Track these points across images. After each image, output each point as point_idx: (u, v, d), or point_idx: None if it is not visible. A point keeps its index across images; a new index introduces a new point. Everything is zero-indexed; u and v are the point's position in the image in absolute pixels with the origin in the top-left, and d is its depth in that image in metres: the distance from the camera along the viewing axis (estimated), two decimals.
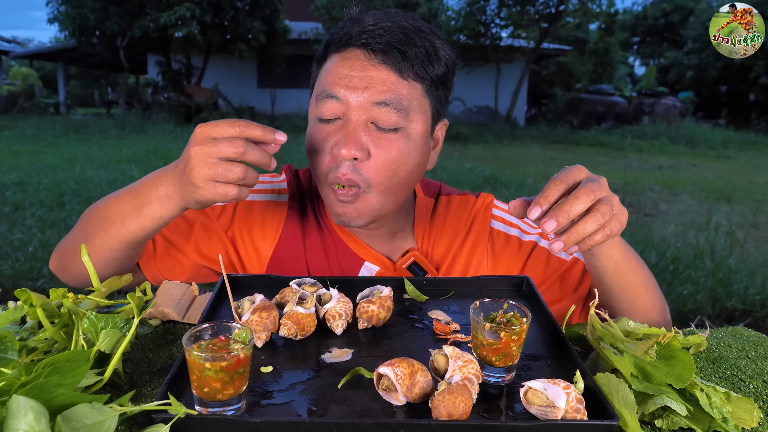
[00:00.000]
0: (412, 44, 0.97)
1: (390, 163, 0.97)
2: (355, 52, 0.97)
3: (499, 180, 8.49)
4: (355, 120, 0.96)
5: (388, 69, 0.96)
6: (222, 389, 0.62)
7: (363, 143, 0.96)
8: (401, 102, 0.96)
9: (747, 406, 0.68)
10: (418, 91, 0.99)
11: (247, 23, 16.05)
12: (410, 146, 0.99)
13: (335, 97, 0.96)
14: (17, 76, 23.90)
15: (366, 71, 0.96)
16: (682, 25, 29.84)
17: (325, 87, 0.98)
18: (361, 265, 1.14)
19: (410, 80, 0.97)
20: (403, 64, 0.96)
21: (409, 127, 0.98)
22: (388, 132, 0.97)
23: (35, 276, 3.99)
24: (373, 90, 0.95)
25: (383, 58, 0.96)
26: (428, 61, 0.98)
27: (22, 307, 0.72)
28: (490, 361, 0.71)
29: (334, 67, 0.98)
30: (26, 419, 0.50)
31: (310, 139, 1.02)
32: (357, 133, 0.96)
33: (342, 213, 1.01)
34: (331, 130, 0.98)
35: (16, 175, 7.47)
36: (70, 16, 15.98)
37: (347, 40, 0.98)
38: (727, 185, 9.31)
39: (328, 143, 0.98)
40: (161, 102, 16.52)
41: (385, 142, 0.97)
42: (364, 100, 0.95)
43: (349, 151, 0.94)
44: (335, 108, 0.97)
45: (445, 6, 20.03)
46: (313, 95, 1.03)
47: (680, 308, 3.86)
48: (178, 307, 0.96)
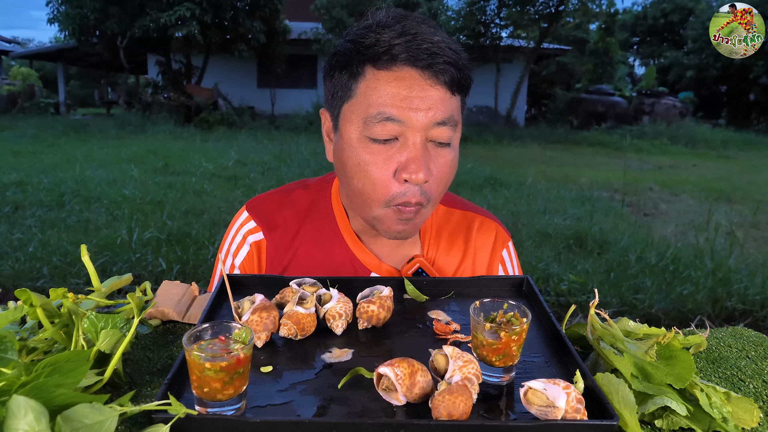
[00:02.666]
0: (453, 55, 0.94)
1: (446, 177, 1.00)
2: (408, 71, 0.93)
3: (499, 180, 8.50)
4: (415, 141, 0.94)
5: (442, 87, 0.94)
6: (222, 389, 0.62)
7: (428, 164, 0.95)
8: (454, 118, 0.97)
9: (747, 406, 0.68)
10: (459, 103, 1.00)
11: (247, 23, 16.05)
12: (454, 155, 1.01)
13: (395, 119, 0.93)
14: (17, 76, 23.90)
15: (425, 91, 0.93)
16: (682, 25, 29.84)
17: (381, 109, 0.93)
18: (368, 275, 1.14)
19: (456, 94, 0.97)
20: (451, 79, 0.95)
21: (454, 139, 1.00)
22: (442, 148, 0.98)
23: (35, 276, 3.99)
24: (433, 110, 0.93)
25: (435, 76, 0.93)
26: (464, 70, 0.97)
27: (22, 307, 0.72)
28: (490, 361, 0.71)
29: (386, 87, 0.93)
30: (26, 419, 0.50)
31: (360, 161, 0.97)
32: (423, 156, 0.95)
33: (402, 230, 1.02)
34: (389, 151, 0.96)
35: (16, 175, 7.47)
36: (70, 16, 15.97)
37: (392, 55, 0.93)
38: (727, 185, 9.31)
39: (390, 168, 0.96)
40: (161, 102, 16.52)
41: (441, 158, 0.98)
42: (426, 121, 0.93)
43: (419, 174, 0.93)
44: (394, 129, 0.94)
45: (445, 6, 20.01)
46: (357, 114, 0.97)
47: (680, 308, 3.86)
48: (178, 307, 0.96)
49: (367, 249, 1.14)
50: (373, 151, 0.96)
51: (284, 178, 8.08)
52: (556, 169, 10.42)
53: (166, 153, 10.02)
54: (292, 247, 1.15)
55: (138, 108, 17.00)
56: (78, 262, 4.07)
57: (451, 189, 1.15)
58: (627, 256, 4.81)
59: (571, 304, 2.01)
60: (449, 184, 1.04)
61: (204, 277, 4.00)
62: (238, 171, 8.51)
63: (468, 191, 7.62)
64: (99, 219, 5.53)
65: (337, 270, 1.13)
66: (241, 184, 7.55)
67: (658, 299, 3.92)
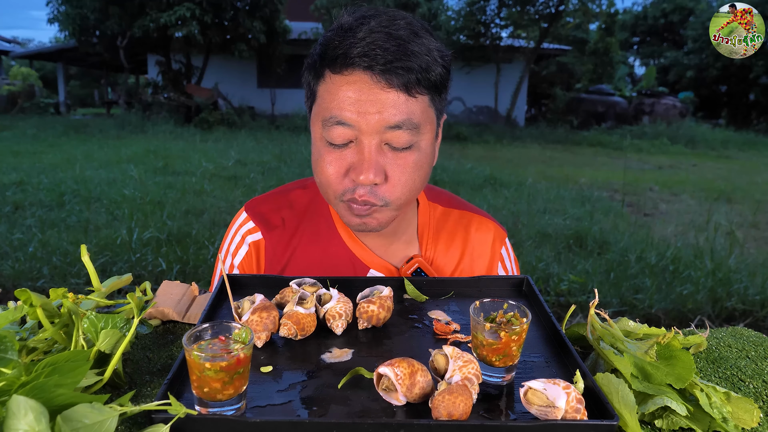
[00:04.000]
0: (413, 56, 0.92)
1: (407, 181, 0.98)
2: (359, 75, 0.92)
3: (499, 180, 8.50)
4: (368, 144, 0.94)
5: (396, 90, 0.92)
6: (222, 389, 0.62)
7: (381, 166, 0.95)
8: (412, 120, 0.94)
9: (747, 406, 0.68)
10: (425, 104, 0.97)
11: (247, 23, 16.04)
12: (422, 158, 0.99)
13: (346, 123, 0.94)
14: (17, 76, 23.89)
15: (375, 95, 0.92)
16: (682, 25, 29.82)
17: (333, 113, 0.94)
18: (367, 272, 1.15)
19: (417, 95, 0.95)
20: (409, 81, 0.92)
21: (420, 142, 0.98)
22: (403, 151, 0.96)
23: (35, 276, 3.99)
24: (385, 114, 0.92)
25: (389, 79, 0.91)
26: (430, 69, 0.94)
27: (22, 307, 0.72)
28: (490, 361, 0.71)
29: (339, 91, 0.94)
30: (26, 419, 0.50)
31: (320, 162, 1.00)
32: (374, 158, 0.94)
33: (359, 223, 1.03)
34: (344, 154, 0.97)
35: (16, 175, 7.47)
36: (70, 16, 15.97)
37: (347, 61, 0.93)
38: (727, 185, 9.31)
39: (342, 166, 0.97)
40: (161, 102, 16.51)
41: (401, 161, 0.97)
42: (377, 124, 0.93)
43: (367, 177, 0.94)
44: (346, 133, 0.95)
45: (445, 6, 20.02)
46: (317, 115, 0.99)
47: (680, 308, 3.86)
48: (178, 307, 0.96)
49: (364, 244, 1.15)
50: (329, 151, 0.99)
51: (284, 178, 8.08)
52: (556, 169, 10.42)
53: (166, 153, 10.02)
54: (291, 246, 1.16)
55: (138, 108, 16.98)
56: (78, 262, 4.08)
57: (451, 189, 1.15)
58: (627, 256, 4.81)
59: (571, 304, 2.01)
60: (417, 186, 1.01)
61: (204, 277, 4.00)
62: (238, 171, 8.51)
63: (468, 191, 7.62)
64: (99, 219, 5.53)
65: (335, 266, 1.14)
66: (241, 184, 7.55)
67: (658, 299, 3.92)
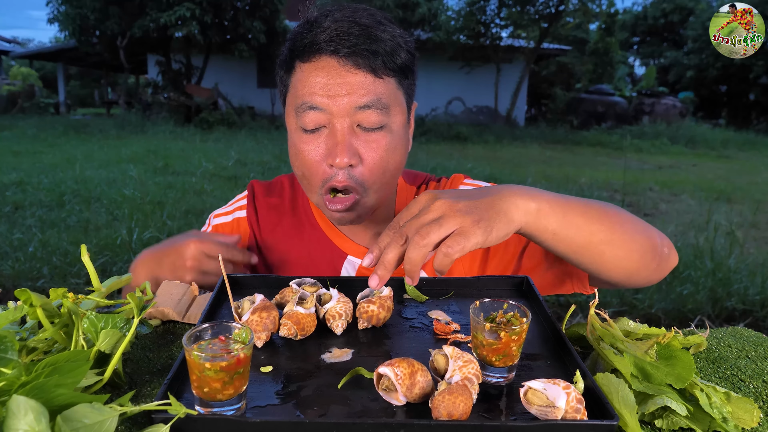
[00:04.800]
0: (378, 40, 0.98)
1: (380, 161, 1.01)
2: (326, 60, 0.98)
3: (499, 180, 8.49)
4: (341, 127, 0.98)
5: (363, 72, 0.97)
6: (222, 389, 0.62)
7: (354, 149, 0.98)
8: (381, 101, 0.98)
9: (747, 406, 0.68)
10: (392, 86, 1.01)
11: (247, 23, 16.05)
12: (395, 140, 1.03)
13: (317, 107, 0.97)
14: (17, 76, 23.90)
15: (343, 78, 0.97)
16: (682, 25, 29.83)
17: (305, 99, 0.99)
18: (344, 259, 1.17)
19: (384, 77, 0.99)
20: (375, 63, 0.97)
21: (391, 123, 1.01)
22: (374, 132, 1.00)
23: (35, 276, 3.99)
24: (354, 95, 0.97)
25: (356, 62, 0.96)
26: (395, 53, 0.99)
27: (22, 307, 0.72)
28: (490, 361, 0.71)
29: (309, 78, 0.99)
30: (26, 419, 0.50)
31: (296, 151, 1.03)
32: (347, 140, 0.98)
33: (340, 218, 1.05)
34: (318, 140, 1.00)
35: (16, 175, 7.48)
36: (70, 16, 15.98)
37: (314, 48, 0.98)
38: (727, 185, 9.31)
39: (318, 153, 1.00)
40: (161, 102, 16.52)
41: (373, 143, 1.00)
42: (347, 106, 0.97)
43: (342, 159, 0.97)
44: (318, 118, 0.98)
45: (445, 6, 20.03)
46: (291, 106, 1.03)
47: (680, 308, 3.86)
48: (178, 307, 0.96)
49: (340, 231, 1.19)
50: (305, 140, 1.01)
51: None
52: (556, 169, 10.42)
53: (166, 153, 10.02)
54: (273, 232, 1.21)
55: (138, 108, 17.00)
56: (78, 262, 4.07)
57: None
58: None
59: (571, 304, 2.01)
60: (392, 169, 1.04)
61: None
62: (238, 171, 8.51)
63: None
64: (99, 219, 5.53)
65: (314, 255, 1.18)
66: (241, 184, 7.55)
67: (658, 299, 3.92)
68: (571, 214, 0.85)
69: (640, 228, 0.94)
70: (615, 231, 0.89)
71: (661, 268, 0.96)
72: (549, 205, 0.83)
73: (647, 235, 0.94)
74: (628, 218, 0.93)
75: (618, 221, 0.90)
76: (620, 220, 0.91)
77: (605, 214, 0.89)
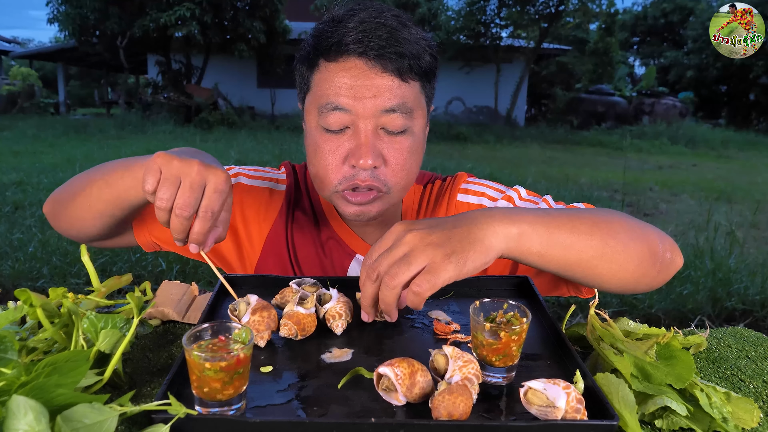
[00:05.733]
0: (404, 42, 0.97)
1: (404, 164, 1.01)
2: (354, 61, 0.97)
3: (499, 180, 8.38)
4: (365, 129, 0.97)
5: (391, 75, 0.97)
6: (222, 389, 0.62)
7: (378, 151, 0.98)
8: (407, 105, 0.98)
9: (747, 406, 0.68)
10: (416, 90, 1.01)
11: (247, 23, 16.05)
12: (416, 143, 1.03)
13: (343, 108, 0.97)
14: (17, 76, 23.87)
15: (370, 80, 0.96)
16: (682, 25, 29.83)
17: (330, 99, 0.98)
18: (353, 258, 1.17)
19: (410, 81, 0.99)
20: (402, 67, 0.97)
21: (413, 126, 1.01)
22: (398, 135, 1.00)
23: (35, 276, 3.99)
24: (380, 98, 0.96)
25: (383, 65, 0.96)
26: (420, 56, 0.99)
27: (22, 307, 0.72)
28: (490, 361, 0.71)
29: (334, 78, 0.98)
30: (26, 419, 0.50)
31: (316, 148, 1.02)
32: (371, 142, 0.97)
33: (358, 212, 1.03)
34: (341, 140, 0.99)
35: (16, 175, 7.47)
36: (70, 16, 15.97)
37: (342, 48, 0.97)
38: (727, 185, 9.31)
39: (340, 153, 1.00)
40: (161, 102, 16.50)
41: (397, 146, 1.00)
42: (374, 108, 0.96)
43: (366, 160, 0.96)
44: (343, 119, 0.98)
45: (445, 6, 20.02)
46: (312, 104, 1.02)
47: (680, 308, 3.86)
48: (178, 307, 0.96)
49: (351, 229, 1.18)
50: (327, 139, 1.00)
51: None
52: (556, 169, 10.42)
53: None
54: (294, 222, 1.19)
55: (138, 108, 16.98)
56: (78, 262, 4.07)
57: None
58: None
59: (571, 304, 2.01)
60: (413, 171, 1.05)
61: (204, 277, 4.00)
62: None
63: None
64: None
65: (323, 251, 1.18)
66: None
67: (658, 299, 3.92)
68: (556, 233, 0.83)
69: (637, 235, 0.90)
70: (607, 244, 0.86)
71: (664, 273, 0.94)
72: (531, 227, 0.81)
73: (646, 242, 0.90)
74: (624, 226, 0.90)
75: (611, 233, 0.86)
76: (613, 232, 0.87)
77: (596, 228, 0.86)
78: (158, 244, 1.17)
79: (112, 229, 1.06)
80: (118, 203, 0.97)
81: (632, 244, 0.88)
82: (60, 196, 1.08)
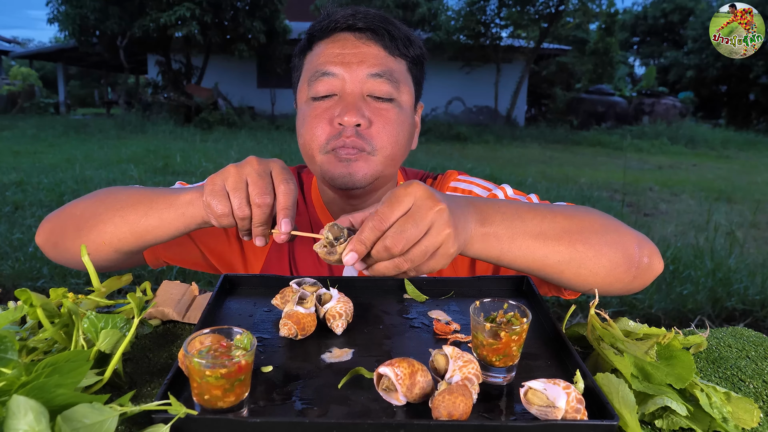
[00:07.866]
0: (393, 26, 1.06)
1: (391, 128, 1.04)
2: (343, 34, 1.04)
3: (499, 180, 8.45)
4: (352, 92, 1.02)
5: (377, 45, 1.04)
6: (223, 396, 0.61)
7: (363, 111, 1.01)
8: (393, 74, 1.04)
9: (747, 406, 0.68)
10: (403, 67, 1.07)
11: (247, 23, 16.05)
12: (403, 116, 1.07)
13: (331, 74, 1.02)
14: (17, 76, 23.88)
15: (357, 48, 1.03)
16: (682, 25, 29.84)
17: (318, 67, 1.03)
18: None
19: (396, 56, 1.05)
20: (389, 42, 1.04)
21: (400, 99, 1.06)
22: (384, 101, 1.04)
23: (35, 276, 3.99)
24: (367, 63, 1.02)
25: (371, 36, 1.03)
26: (409, 42, 1.07)
27: (22, 307, 0.72)
28: (490, 361, 0.71)
29: (325, 50, 1.04)
30: (26, 419, 0.50)
31: (304, 118, 1.06)
32: (356, 103, 1.01)
33: (345, 173, 1.02)
34: (328, 105, 1.03)
35: (16, 175, 7.47)
36: (70, 16, 15.97)
37: (332, 26, 1.04)
38: (727, 185, 9.31)
39: (327, 116, 1.03)
40: (161, 102, 16.51)
41: (383, 111, 1.04)
42: (360, 73, 1.02)
43: (351, 118, 0.99)
44: (331, 84, 1.02)
45: (445, 6, 20.03)
46: (303, 82, 1.08)
47: (680, 308, 3.86)
48: (178, 307, 0.96)
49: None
50: (314, 107, 1.04)
51: None
52: (556, 169, 10.42)
53: (166, 153, 10.01)
54: None
55: (138, 108, 16.98)
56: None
57: None
58: None
59: (571, 304, 2.01)
60: (401, 144, 1.06)
61: (204, 277, 4.00)
62: None
63: None
64: None
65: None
66: None
67: (658, 299, 3.92)
68: (520, 239, 0.82)
69: (613, 240, 0.89)
70: (576, 250, 0.85)
71: (640, 278, 0.92)
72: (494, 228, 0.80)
73: (621, 247, 0.89)
74: (599, 231, 0.88)
75: (581, 238, 0.85)
76: (584, 238, 0.86)
77: (566, 233, 0.85)
78: (166, 262, 1.18)
79: (126, 261, 1.04)
80: (141, 242, 0.94)
81: (605, 249, 0.87)
82: (59, 228, 1.02)
